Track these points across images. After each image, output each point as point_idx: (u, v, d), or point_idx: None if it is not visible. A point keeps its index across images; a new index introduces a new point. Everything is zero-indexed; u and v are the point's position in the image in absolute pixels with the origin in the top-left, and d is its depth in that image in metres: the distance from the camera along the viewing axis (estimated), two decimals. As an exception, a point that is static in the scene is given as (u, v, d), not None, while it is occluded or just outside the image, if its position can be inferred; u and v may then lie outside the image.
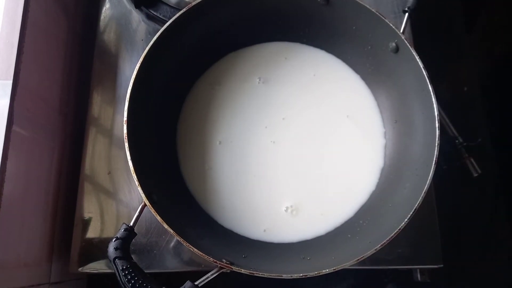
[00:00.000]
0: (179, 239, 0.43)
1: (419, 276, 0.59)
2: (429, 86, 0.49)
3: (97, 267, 0.55)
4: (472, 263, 0.74)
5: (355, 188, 0.56)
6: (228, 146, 0.57)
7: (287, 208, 0.55)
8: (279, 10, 0.56)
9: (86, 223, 0.56)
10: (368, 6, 0.51)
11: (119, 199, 0.57)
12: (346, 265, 0.43)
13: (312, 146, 0.57)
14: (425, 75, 0.49)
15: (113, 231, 0.56)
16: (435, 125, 0.48)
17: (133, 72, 0.48)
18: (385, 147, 0.57)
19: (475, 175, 0.73)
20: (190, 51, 0.56)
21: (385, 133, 0.57)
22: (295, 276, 0.43)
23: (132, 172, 0.45)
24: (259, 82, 0.59)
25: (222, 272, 0.44)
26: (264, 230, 0.54)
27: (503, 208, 0.78)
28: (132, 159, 0.45)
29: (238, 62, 0.60)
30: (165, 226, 0.43)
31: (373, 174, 0.56)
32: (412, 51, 0.50)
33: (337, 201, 0.55)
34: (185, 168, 0.56)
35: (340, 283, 0.68)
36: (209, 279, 0.43)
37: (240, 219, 0.54)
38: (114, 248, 0.43)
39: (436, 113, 0.48)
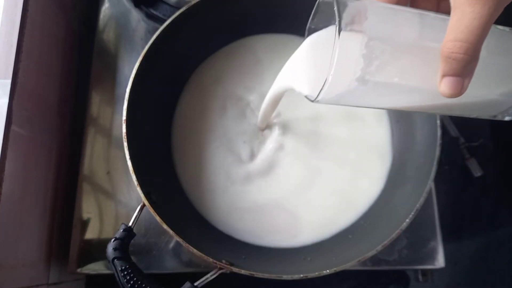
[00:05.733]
0: (179, 240, 0.43)
1: (420, 277, 0.59)
2: (431, 85, 0.48)
3: (96, 267, 0.54)
4: (474, 264, 0.74)
5: (360, 193, 0.54)
6: (226, 147, 0.55)
7: (288, 214, 0.53)
8: (280, 8, 0.56)
9: (84, 224, 0.56)
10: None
11: (118, 200, 0.57)
12: (347, 266, 0.43)
13: (313, 148, 0.56)
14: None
15: (112, 231, 0.55)
16: (437, 125, 0.48)
17: (132, 71, 0.48)
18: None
19: (477, 175, 0.73)
20: (189, 49, 0.55)
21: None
22: (295, 277, 0.42)
23: (131, 172, 0.44)
24: (258, 78, 0.58)
25: (222, 273, 0.43)
26: (264, 237, 0.52)
27: (505, 209, 0.77)
28: (131, 158, 0.45)
29: (236, 57, 0.59)
30: (164, 226, 0.43)
31: (378, 179, 0.55)
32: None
33: (341, 206, 0.54)
34: (181, 171, 0.55)
35: (341, 284, 0.68)
36: (208, 279, 0.43)
37: (238, 225, 0.53)
38: (113, 248, 0.43)
39: (437, 113, 0.48)
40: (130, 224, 0.45)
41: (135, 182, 0.44)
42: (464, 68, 0.29)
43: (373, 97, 0.33)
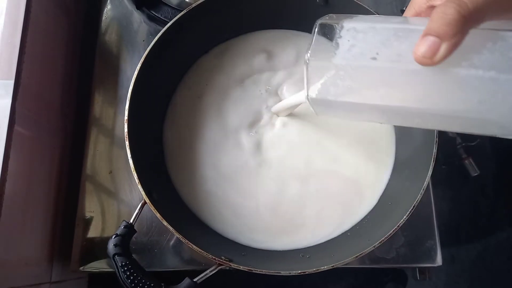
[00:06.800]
0: (178, 236, 0.43)
1: (418, 275, 0.59)
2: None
3: (98, 266, 0.55)
4: (471, 262, 0.74)
5: (363, 194, 0.54)
6: (220, 148, 0.55)
7: (288, 218, 0.52)
8: (279, 10, 0.57)
9: (87, 223, 0.56)
10: (367, 7, 0.51)
11: (120, 199, 0.58)
12: (345, 262, 0.44)
13: (316, 149, 0.55)
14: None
15: (114, 230, 0.55)
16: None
17: (134, 73, 0.48)
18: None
19: (474, 174, 0.74)
20: (191, 50, 0.56)
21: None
22: (293, 273, 0.43)
23: (132, 170, 0.45)
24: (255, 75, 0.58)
25: (221, 269, 0.44)
26: (263, 242, 0.52)
27: (502, 207, 0.78)
28: (132, 157, 0.46)
29: (236, 56, 0.59)
30: (165, 223, 0.44)
31: (381, 180, 0.55)
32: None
33: (343, 209, 0.53)
34: (174, 174, 0.54)
35: (339, 282, 0.68)
36: (207, 276, 0.44)
37: (236, 229, 0.52)
38: (113, 244, 0.44)
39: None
40: (131, 221, 0.45)
41: (137, 180, 0.45)
42: (451, 27, 0.25)
43: (358, 92, 0.34)
